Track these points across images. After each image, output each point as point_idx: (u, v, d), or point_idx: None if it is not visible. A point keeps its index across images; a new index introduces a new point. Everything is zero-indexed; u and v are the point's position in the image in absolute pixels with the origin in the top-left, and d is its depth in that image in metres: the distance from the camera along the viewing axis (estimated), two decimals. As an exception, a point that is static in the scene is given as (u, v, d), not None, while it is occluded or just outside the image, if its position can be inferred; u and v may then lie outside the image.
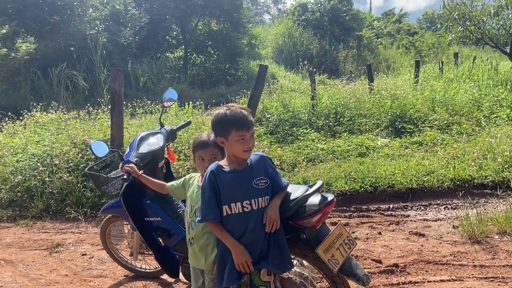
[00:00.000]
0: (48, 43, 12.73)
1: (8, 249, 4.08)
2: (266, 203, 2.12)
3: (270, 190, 2.14)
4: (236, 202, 2.07)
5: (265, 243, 2.12)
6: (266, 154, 2.22)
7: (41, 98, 10.87)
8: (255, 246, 2.10)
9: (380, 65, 18.70)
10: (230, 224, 2.10)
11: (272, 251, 2.13)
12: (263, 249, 2.11)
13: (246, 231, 2.09)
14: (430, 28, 29.84)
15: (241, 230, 2.09)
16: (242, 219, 2.09)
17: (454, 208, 4.67)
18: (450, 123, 7.51)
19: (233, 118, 2.01)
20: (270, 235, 2.12)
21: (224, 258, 2.11)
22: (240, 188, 2.07)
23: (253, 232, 2.09)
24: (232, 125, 2.00)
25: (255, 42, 19.69)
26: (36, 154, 5.48)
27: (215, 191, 2.08)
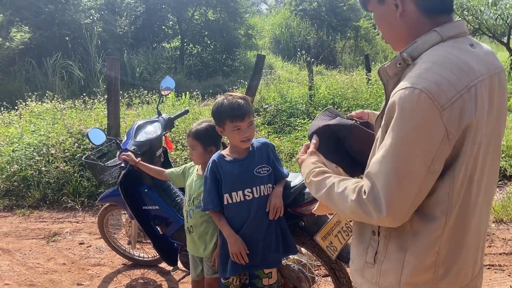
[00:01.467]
0: (43, 33, 12.59)
1: (5, 238, 4.07)
2: (269, 190, 2.11)
3: (272, 178, 2.13)
4: (237, 190, 2.06)
5: (269, 231, 2.11)
6: (269, 141, 2.20)
7: (36, 87, 10.78)
8: (257, 234, 2.09)
9: (378, 55, 18.65)
10: (232, 212, 2.09)
11: (276, 239, 2.13)
12: (266, 237, 2.11)
13: (247, 219, 2.08)
14: (427, 18, 29.79)
15: (243, 218, 2.08)
16: (244, 207, 2.08)
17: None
18: (447, 113, 7.52)
19: (227, 108, 1.98)
20: (273, 222, 2.11)
21: (226, 248, 2.11)
22: (241, 177, 2.06)
23: (255, 220, 2.08)
24: (226, 115, 1.98)
25: (252, 33, 19.55)
26: (32, 144, 5.45)
27: (217, 180, 2.08)
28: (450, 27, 1.09)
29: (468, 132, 1.02)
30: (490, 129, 1.10)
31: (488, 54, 1.14)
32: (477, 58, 1.09)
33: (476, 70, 1.05)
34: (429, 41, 1.08)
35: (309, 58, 11.14)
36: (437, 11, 1.10)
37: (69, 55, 12.47)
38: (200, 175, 2.35)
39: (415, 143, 0.99)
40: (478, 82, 1.04)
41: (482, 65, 1.08)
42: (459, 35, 1.11)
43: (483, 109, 1.06)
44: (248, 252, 2.07)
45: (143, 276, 3.30)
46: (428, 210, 1.08)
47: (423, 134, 0.99)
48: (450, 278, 1.13)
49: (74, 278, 3.31)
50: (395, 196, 1.01)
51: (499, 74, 1.14)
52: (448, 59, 1.03)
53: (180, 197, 2.99)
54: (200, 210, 2.23)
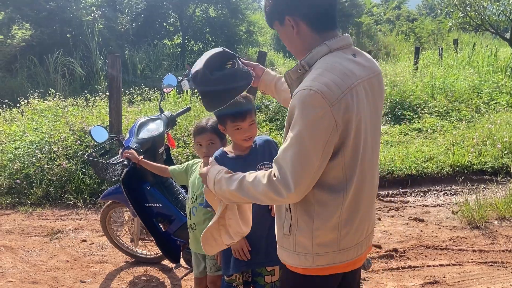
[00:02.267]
0: (44, 30, 12.57)
1: (8, 235, 4.08)
2: None
3: None
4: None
5: (272, 228, 2.11)
6: (271, 138, 2.18)
7: (38, 85, 10.77)
8: (260, 231, 2.09)
9: (380, 52, 18.59)
10: None
11: (271, 244, 2.10)
12: (269, 234, 2.10)
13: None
14: (429, 14, 29.63)
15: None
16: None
17: (453, 194, 4.69)
18: (449, 109, 7.50)
19: (227, 108, 1.97)
20: (269, 232, 2.09)
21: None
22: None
23: (257, 217, 2.07)
24: (226, 115, 1.97)
25: (253, 29, 19.51)
26: (34, 141, 5.45)
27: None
28: (336, 41, 1.39)
29: (350, 122, 1.30)
30: (372, 119, 1.42)
31: (368, 61, 1.45)
32: (357, 65, 1.39)
33: (357, 74, 1.35)
34: (321, 52, 1.37)
35: (310, 54, 11.09)
36: (324, 29, 1.40)
37: (71, 52, 12.46)
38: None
39: (313, 132, 1.26)
40: (358, 84, 1.34)
41: (362, 70, 1.39)
42: (344, 47, 1.41)
43: (363, 104, 1.35)
44: (251, 249, 2.07)
45: (145, 273, 3.30)
46: (329, 184, 1.37)
47: (318, 125, 1.26)
48: (350, 236, 1.44)
49: (77, 275, 3.32)
50: (300, 175, 1.28)
51: (377, 77, 1.46)
52: (335, 66, 1.32)
53: (183, 195, 2.99)
54: (202, 207, 2.23)
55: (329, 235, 1.41)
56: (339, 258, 1.45)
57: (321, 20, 1.39)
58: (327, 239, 1.42)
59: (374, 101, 1.44)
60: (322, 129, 1.26)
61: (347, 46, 1.41)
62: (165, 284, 3.16)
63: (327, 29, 1.40)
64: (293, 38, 1.43)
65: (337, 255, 1.44)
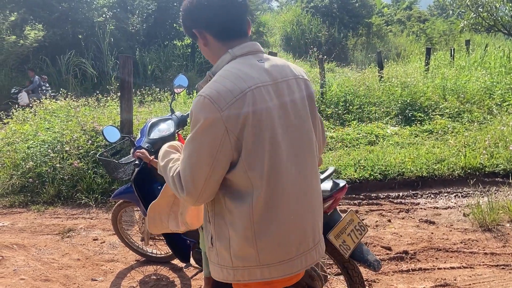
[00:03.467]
0: (57, 31, 12.74)
1: (21, 233, 4.14)
2: None
3: None
4: None
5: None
6: None
7: (50, 85, 10.92)
8: None
9: (390, 52, 18.48)
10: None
11: None
12: None
13: None
14: (441, 15, 29.36)
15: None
16: None
17: (464, 196, 4.64)
18: (461, 111, 7.43)
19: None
20: None
21: None
22: None
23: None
24: None
25: (263, 30, 19.54)
26: (47, 141, 5.52)
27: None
28: (239, 48, 1.42)
29: (246, 126, 1.29)
30: (287, 121, 1.40)
31: (276, 66, 1.44)
32: (260, 69, 1.39)
33: (256, 78, 1.35)
34: (225, 60, 1.42)
35: (320, 55, 11.08)
36: (228, 38, 1.44)
37: (82, 53, 12.60)
38: None
39: (202, 138, 1.29)
40: (257, 87, 1.34)
41: (266, 75, 1.39)
42: (249, 53, 1.43)
43: (266, 108, 1.34)
44: None
45: (156, 272, 3.33)
46: (237, 191, 1.35)
47: (207, 131, 1.28)
48: (272, 251, 1.37)
49: (88, 273, 3.36)
50: (189, 180, 1.31)
51: (287, 82, 1.44)
52: (231, 72, 1.35)
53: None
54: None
55: (245, 248, 1.37)
56: (262, 274, 1.39)
57: (223, 31, 1.44)
58: (244, 252, 1.37)
59: (285, 106, 1.40)
60: (211, 135, 1.27)
61: (252, 52, 1.44)
62: (175, 283, 3.18)
63: (231, 38, 1.44)
64: (204, 49, 1.50)
65: (258, 271, 1.38)
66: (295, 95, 1.46)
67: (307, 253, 1.46)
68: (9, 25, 12.43)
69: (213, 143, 1.28)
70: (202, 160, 1.29)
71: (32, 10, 12.81)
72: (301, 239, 1.44)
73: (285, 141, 1.39)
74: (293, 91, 1.45)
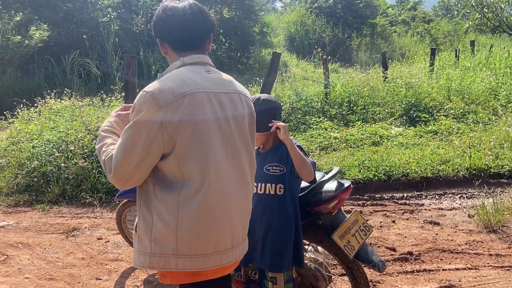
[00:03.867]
0: (61, 31, 12.76)
1: (26, 232, 4.16)
2: (277, 191, 2.10)
3: (285, 179, 2.11)
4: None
5: (271, 234, 2.11)
6: (296, 141, 2.13)
7: (54, 85, 10.94)
8: (256, 230, 2.13)
9: (394, 53, 18.43)
10: None
11: (284, 244, 2.11)
12: (267, 237, 2.11)
13: None
14: (446, 15, 29.26)
15: None
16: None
17: (469, 197, 4.63)
18: (466, 112, 7.40)
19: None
20: (268, 234, 2.11)
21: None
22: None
23: (257, 216, 2.13)
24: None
25: (267, 30, 19.49)
26: (52, 140, 5.54)
27: None
28: (190, 58, 1.59)
29: (181, 124, 1.42)
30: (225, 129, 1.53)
31: (221, 79, 1.61)
32: (206, 78, 1.55)
33: (199, 84, 1.50)
34: (175, 65, 1.58)
35: (324, 55, 11.07)
36: (182, 49, 1.61)
37: (87, 53, 12.62)
38: None
39: (137, 129, 1.41)
40: (198, 92, 1.48)
41: (210, 83, 1.54)
42: (198, 63, 1.59)
43: (204, 111, 1.47)
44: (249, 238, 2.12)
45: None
46: (167, 181, 1.46)
47: (144, 124, 1.40)
48: (188, 242, 1.45)
49: (93, 272, 3.36)
50: (119, 163, 1.42)
51: (230, 95, 1.59)
52: (177, 75, 1.50)
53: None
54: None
55: (166, 235, 1.45)
56: (176, 264, 1.46)
57: (179, 42, 1.61)
58: (164, 238, 1.45)
59: (225, 115, 1.55)
60: (147, 128, 1.40)
61: (202, 63, 1.61)
62: (179, 283, 3.18)
63: (186, 49, 1.61)
64: (167, 56, 1.67)
65: (173, 260, 1.46)
66: (237, 107, 1.60)
67: (223, 253, 1.53)
68: (14, 25, 12.47)
69: (147, 135, 1.40)
70: (135, 148, 1.41)
71: (37, 10, 12.84)
72: (221, 237, 1.52)
73: (221, 145, 1.52)
74: (235, 103, 1.60)
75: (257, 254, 2.14)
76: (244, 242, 1.66)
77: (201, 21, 1.63)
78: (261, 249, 2.12)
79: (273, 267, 2.12)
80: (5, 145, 5.86)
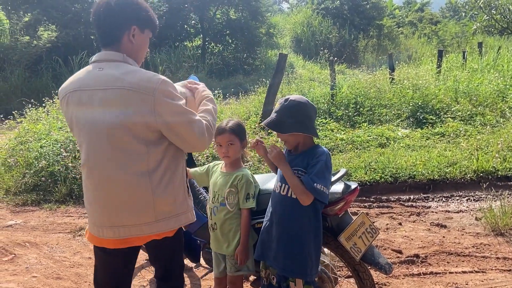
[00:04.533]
0: (69, 31, 12.87)
1: (33, 232, 4.19)
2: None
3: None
4: (277, 180, 2.19)
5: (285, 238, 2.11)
6: (323, 152, 2.06)
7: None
8: (272, 229, 2.15)
9: (401, 54, 18.35)
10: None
11: (282, 251, 2.11)
12: (281, 240, 2.11)
13: (268, 209, 2.21)
14: (453, 17, 29.09)
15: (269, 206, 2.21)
16: (272, 196, 2.20)
17: (477, 200, 4.59)
18: (473, 114, 7.36)
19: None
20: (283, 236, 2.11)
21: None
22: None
23: (271, 213, 2.14)
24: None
25: (273, 31, 19.49)
26: (59, 140, 5.58)
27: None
28: (93, 56, 1.78)
29: (67, 118, 1.80)
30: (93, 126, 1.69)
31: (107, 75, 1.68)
32: (94, 76, 1.71)
33: (81, 83, 1.73)
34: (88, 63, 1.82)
35: (331, 57, 11.06)
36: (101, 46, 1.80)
37: (94, 53, 12.61)
38: (224, 172, 2.38)
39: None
40: (74, 91, 1.73)
41: (93, 81, 1.70)
42: (98, 61, 1.75)
43: (75, 109, 1.73)
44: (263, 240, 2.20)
45: (166, 272, 3.34)
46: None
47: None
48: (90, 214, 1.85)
49: (99, 272, 3.38)
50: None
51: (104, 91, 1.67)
52: (76, 74, 1.80)
53: (204, 195, 3.01)
54: (223, 207, 2.32)
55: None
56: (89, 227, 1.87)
57: (98, 39, 1.82)
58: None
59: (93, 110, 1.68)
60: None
61: (101, 61, 1.74)
62: (184, 283, 3.18)
63: (102, 46, 1.79)
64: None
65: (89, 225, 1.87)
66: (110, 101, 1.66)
67: (103, 228, 1.79)
68: (23, 26, 12.60)
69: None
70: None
71: (46, 11, 12.96)
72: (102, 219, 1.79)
73: (93, 140, 1.70)
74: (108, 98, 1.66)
75: (271, 253, 2.14)
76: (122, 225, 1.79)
77: (115, 15, 1.70)
78: (275, 250, 2.12)
79: (284, 270, 2.12)
80: (13, 144, 5.91)
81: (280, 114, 2.05)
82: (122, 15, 1.70)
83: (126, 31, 1.73)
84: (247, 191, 2.31)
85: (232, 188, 2.32)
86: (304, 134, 2.06)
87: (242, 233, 2.30)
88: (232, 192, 2.32)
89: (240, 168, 2.39)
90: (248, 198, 2.30)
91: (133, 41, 1.75)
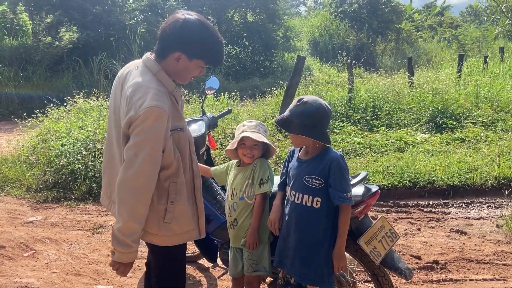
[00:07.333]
0: (90, 33, 13.07)
1: (53, 228, 4.27)
2: (314, 204, 2.05)
3: (324, 193, 2.03)
4: (289, 187, 2.16)
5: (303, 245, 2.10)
6: (338, 157, 2.04)
7: (82, 85, 11.22)
8: (289, 237, 2.15)
9: (420, 58, 18.12)
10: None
11: (299, 259, 2.10)
12: (298, 248, 2.10)
13: (284, 216, 2.19)
14: (474, 21, 28.60)
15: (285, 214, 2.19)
16: (286, 204, 2.18)
17: (498, 207, 4.50)
18: (495, 119, 7.21)
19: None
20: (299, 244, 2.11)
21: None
22: (295, 177, 2.13)
23: (286, 222, 2.14)
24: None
25: (290, 34, 19.48)
26: (80, 139, 5.67)
27: (286, 167, 2.27)
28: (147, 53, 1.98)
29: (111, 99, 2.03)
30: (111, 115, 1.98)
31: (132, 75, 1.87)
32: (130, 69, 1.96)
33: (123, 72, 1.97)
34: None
35: (349, 60, 10.98)
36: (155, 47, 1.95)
37: (114, 54, 12.88)
38: (240, 167, 2.44)
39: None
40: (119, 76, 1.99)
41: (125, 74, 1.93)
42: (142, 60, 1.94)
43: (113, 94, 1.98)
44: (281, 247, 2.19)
45: (182, 271, 3.35)
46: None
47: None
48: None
49: (117, 269, 3.41)
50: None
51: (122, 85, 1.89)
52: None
53: (222, 195, 3.02)
54: (242, 201, 2.36)
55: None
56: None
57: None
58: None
59: (115, 96, 1.93)
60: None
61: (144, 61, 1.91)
62: (201, 283, 3.21)
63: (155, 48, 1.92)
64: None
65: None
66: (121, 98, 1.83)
67: (105, 198, 2.08)
68: (45, 27, 12.84)
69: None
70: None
71: (68, 12, 13.20)
72: (107, 191, 2.06)
73: (111, 122, 1.95)
74: (121, 94, 1.86)
75: (288, 261, 2.13)
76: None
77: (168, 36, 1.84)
78: (292, 258, 2.12)
79: (301, 278, 2.11)
80: (35, 142, 6.03)
81: (290, 113, 2.06)
82: (173, 39, 1.82)
83: (171, 53, 1.82)
84: (260, 176, 2.32)
85: (250, 179, 2.35)
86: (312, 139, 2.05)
87: (253, 216, 2.31)
88: (250, 184, 2.35)
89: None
90: (262, 183, 2.31)
91: (177, 64, 1.84)
